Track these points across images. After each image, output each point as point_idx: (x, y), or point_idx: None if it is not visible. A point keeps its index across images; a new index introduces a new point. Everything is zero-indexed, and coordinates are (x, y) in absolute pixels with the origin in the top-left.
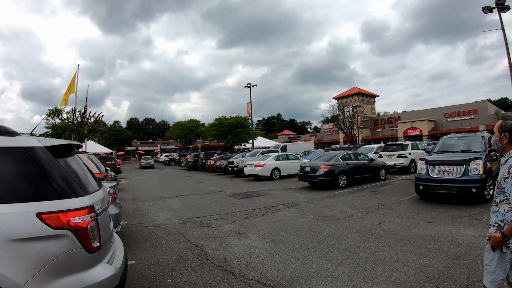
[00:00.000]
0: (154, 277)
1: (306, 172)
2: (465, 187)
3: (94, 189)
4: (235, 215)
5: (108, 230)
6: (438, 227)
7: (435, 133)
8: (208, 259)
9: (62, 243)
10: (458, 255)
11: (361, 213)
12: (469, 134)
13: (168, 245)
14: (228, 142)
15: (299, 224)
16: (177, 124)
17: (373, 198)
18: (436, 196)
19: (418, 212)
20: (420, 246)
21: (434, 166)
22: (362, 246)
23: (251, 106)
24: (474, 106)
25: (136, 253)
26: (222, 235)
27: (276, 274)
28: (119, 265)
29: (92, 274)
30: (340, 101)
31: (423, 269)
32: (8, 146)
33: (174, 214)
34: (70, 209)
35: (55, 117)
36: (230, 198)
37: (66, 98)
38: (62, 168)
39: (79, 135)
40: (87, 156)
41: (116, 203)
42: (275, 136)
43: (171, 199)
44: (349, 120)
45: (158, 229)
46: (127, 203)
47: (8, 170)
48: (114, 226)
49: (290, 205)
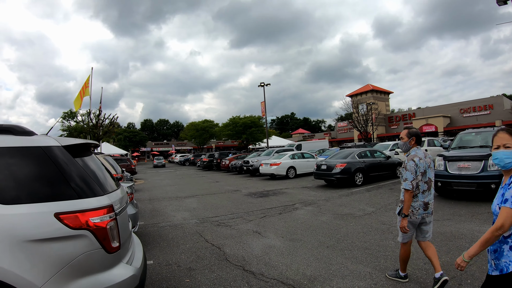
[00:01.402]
0: (172, 277)
1: (322, 170)
2: (484, 183)
3: (112, 188)
4: (252, 214)
5: (127, 230)
6: (458, 224)
7: (450, 129)
8: (227, 258)
9: (81, 243)
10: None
11: (379, 211)
12: (487, 129)
13: (186, 245)
14: (242, 141)
15: (317, 222)
16: (191, 125)
17: (390, 195)
18: (454, 193)
19: (437, 209)
20: (441, 244)
21: (452, 162)
22: (382, 244)
23: (265, 105)
24: (489, 101)
25: (153, 253)
26: (240, 235)
27: (296, 273)
28: (139, 266)
29: (112, 275)
30: (354, 98)
31: (444, 267)
32: (25, 146)
33: (190, 213)
34: (89, 209)
35: (70, 119)
36: (246, 197)
37: (80, 101)
38: (80, 168)
39: (94, 137)
40: (103, 157)
41: (133, 203)
42: (289, 135)
43: (187, 199)
44: (363, 118)
45: (175, 229)
46: (143, 203)
47: (25, 170)
48: (132, 226)
49: (307, 204)
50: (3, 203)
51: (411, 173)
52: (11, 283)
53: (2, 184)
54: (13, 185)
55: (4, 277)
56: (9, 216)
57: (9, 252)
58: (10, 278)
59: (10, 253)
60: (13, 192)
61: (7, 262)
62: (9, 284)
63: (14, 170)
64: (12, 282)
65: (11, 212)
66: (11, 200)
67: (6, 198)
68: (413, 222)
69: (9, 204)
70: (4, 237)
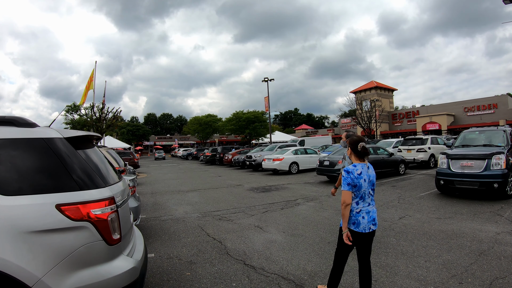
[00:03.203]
0: (173, 270)
1: (325, 166)
2: (487, 182)
3: (114, 180)
4: (254, 209)
5: (128, 223)
6: (459, 222)
7: (454, 127)
8: (228, 252)
9: (81, 235)
10: (481, 251)
11: (381, 208)
12: (491, 128)
13: (187, 239)
14: (245, 136)
15: (319, 218)
16: (195, 119)
17: (393, 192)
18: (457, 191)
19: (439, 207)
20: (442, 242)
21: (455, 161)
22: (384, 241)
23: (268, 100)
24: (494, 100)
25: (155, 246)
26: (241, 229)
27: (296, 268)
28: (139, 258)
29: (112, 267)
30: (358, 95)
31: (445, 265)
32: (27, 137)
33: (192, 207)
34: (90, 201)
35: (73, 113)
36: (248, 192)
37: (85, 95)
38: (82, 160)
39: (97, 130)
40: (106, 150)
41: (136, 196)
42: (293, 131)
43: (190, 193)
44: (367, 114)
45: (177, 222)
46: (146, 197)
47: (27, 161)
48: (134, 219)
49: (309, 199)
50: (5, 194)
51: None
52: (12, 274)
53: (4, 176)
54: (15, 176)
55: (5, 267)
56: (10, 207)
57: (10, 243)
58: (11, 269)
59: (11, 244)
60: (15, 183)
61: (8, 253)
62: (10, 275)
63: (16, 162)
64: (13, 273)
65: (13, 203)
66: (13, 191)
67: (8, 189)
68: None
69: (11, 195)
70: (6, 228)
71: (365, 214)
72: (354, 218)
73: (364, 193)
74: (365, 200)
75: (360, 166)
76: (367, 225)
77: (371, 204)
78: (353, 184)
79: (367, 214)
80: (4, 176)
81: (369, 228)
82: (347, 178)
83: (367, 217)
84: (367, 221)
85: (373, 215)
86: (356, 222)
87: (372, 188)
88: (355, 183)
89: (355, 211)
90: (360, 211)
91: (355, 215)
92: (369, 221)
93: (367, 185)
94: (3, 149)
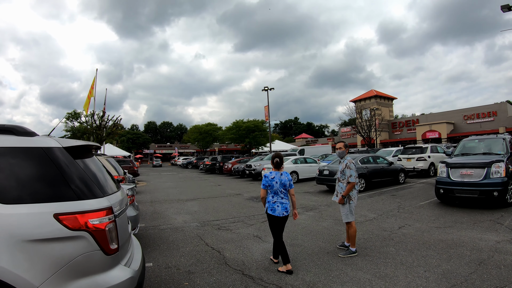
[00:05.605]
0: (171, 280)
1: (325, 175)
2: (487, 191)
3: (112, 190)
4: (253, 219)
5: (126, 232)
6: (459, 231)
7: (454, 135)
8: (226, 262)
9: (79, 244)
10: (481, 260)
11: (380, 217)
12: (490, 136)
13: (186, 248)
14: (245, 145)
15: (318, 228)
16: (195, 128)
17: (392, 202)
18: (457, 200)
19: (439, 216)
20: (442, 251)
21: (455, 169)
22: (383, 250)
23: (268, 109)
24: (493, 108)
25: (153, 255)
26: (240, 239)
27: (295, 278)
28: (137, 268)
29: (110, 277)
30: (358, 104)
31: (445, 275)
32: (26, 147)
33: (191, 217)
34: (88, 210)
35: (74, 120)
36: (247, 201)
37: (88, 103)
38: (80, 169)
39: (97, 138)
40: (105, 158)
41: (134, 205)
42: (293, 140)
43: (189, 202)
44: (367, 123)
45: (176, 231)
46: (145, 206)
47: (26, 170)
48: (132, 228)
49: (309, 209)
50: (3, 203)
51: (354, 171)
52: (10, 282)
53: (3, 184)
54: (14, 185)
55: (3, 276)
56: (9, 215)
57: (8, 252)
58: (9, 277)
59: (9, 252)
60: (13, 192)
61: (6, 261)
62: (8, 283)
63: (15, 170)
64: (11, 281)
65: (11, 212)
66: (11, 200)
67: (7, 197)
68: (354, 205)
69: (9, 203)
70: (4, 236)
71: (279, 204)
72: (271, 206)
73: (277, 190)
74: (278, 195)
75: (274, 173)
76: (281, 211)
77: (284, 198)
78: (267, 185)
79: (281, 204)
80: (3, 185)
81: (282, 214)
82: (264, 180)
83: (281, 206)
84: (280, 209)
85: (285, 205)
86: (273, 209)
87: (284, 188)
88: (269, 184)
89: (272, 201)
90: (275, 202)
91: (271, 205)
92: (282, 209)
93: (278, 185)
94: (2, 158)
